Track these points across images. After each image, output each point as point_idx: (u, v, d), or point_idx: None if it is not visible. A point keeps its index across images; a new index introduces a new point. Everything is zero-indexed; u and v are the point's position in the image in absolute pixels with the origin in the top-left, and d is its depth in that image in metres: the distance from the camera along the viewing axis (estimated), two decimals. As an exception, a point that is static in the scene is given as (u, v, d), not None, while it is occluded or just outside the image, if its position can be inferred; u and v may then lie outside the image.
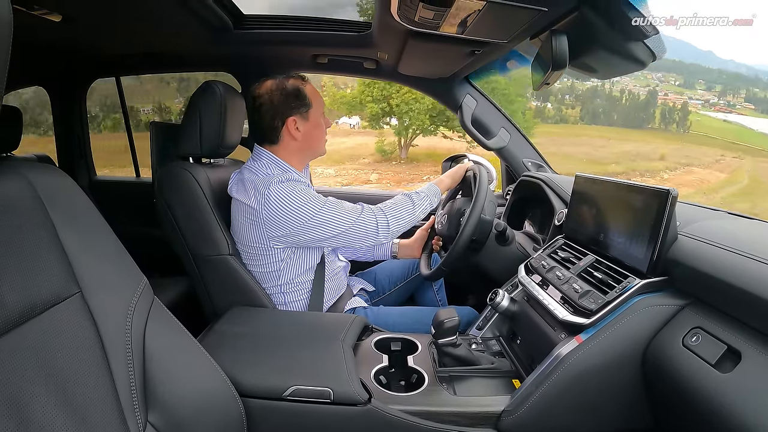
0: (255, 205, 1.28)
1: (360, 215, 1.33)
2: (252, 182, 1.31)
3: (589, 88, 43.40)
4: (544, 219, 1.66)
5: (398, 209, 1.39)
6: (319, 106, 1.41)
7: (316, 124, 1.41)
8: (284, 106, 1.36)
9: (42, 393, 0.57)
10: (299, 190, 1.29)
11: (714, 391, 0.71)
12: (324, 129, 1.45)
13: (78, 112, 2.58)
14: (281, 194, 1.27)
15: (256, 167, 1.37)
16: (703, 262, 0.83)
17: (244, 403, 0.86)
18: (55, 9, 1.48)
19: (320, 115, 1.42)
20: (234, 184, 1.37)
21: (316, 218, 1.28)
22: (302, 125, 1.38)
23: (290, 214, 1.27)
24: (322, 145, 1.47)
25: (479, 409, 0.95)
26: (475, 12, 1.06)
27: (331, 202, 1.32)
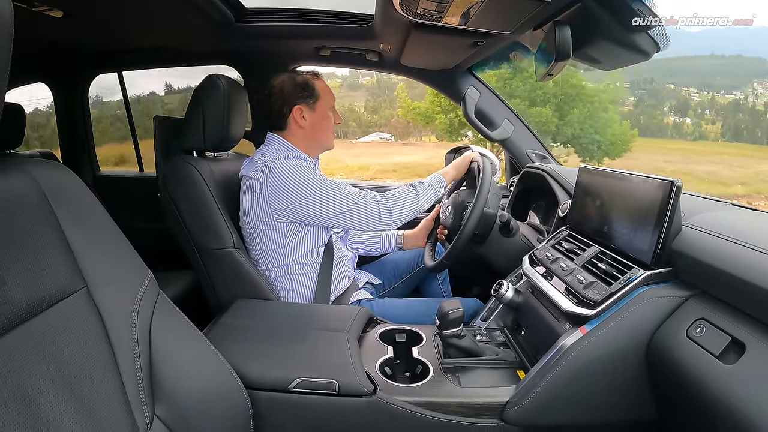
0: (260, 178, 1.33)
1: (362, 199, 1.37)
2: (261, 160, 1.37)
3: (731, 101, 38.78)
4: (548, 210, 1.66)
5: (402, 198, 1.42)
6: (327, 100, 1.47)
7: (322, 116, 1.47)
8: (292, 95, 1.44)
9: (50, 387, 0.57)
10: (304, 167, 1.34)
11: (718, 383, 0.71)
12: (331, 122, 1.50)
13: (80, 107, 2.58)
14: (285, 168, 1.32)
15: (266, 150, 1.44)
16: (707, 253, 0.83)
17: (249, 395, 0.87)
18: (56, 5, 1.48)
19: (328, 109, 1.48)
20: (244, 166, 1.43)
21: (318, 195, 1.32)
22: (308, 114, 1.45)
23: (293, 188, 1.31)
24: (329, 137, 1.52)
25: (484, 400, 0.95)
26: (478, 3, 1.06)
27: (335, 183, 1.36)
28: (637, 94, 31.02)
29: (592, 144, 14.44)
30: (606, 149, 14.58)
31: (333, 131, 1.54)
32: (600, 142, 14.51)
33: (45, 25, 1.65)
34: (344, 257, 1.58)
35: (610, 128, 14.80)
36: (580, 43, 1.10)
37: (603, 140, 14.52)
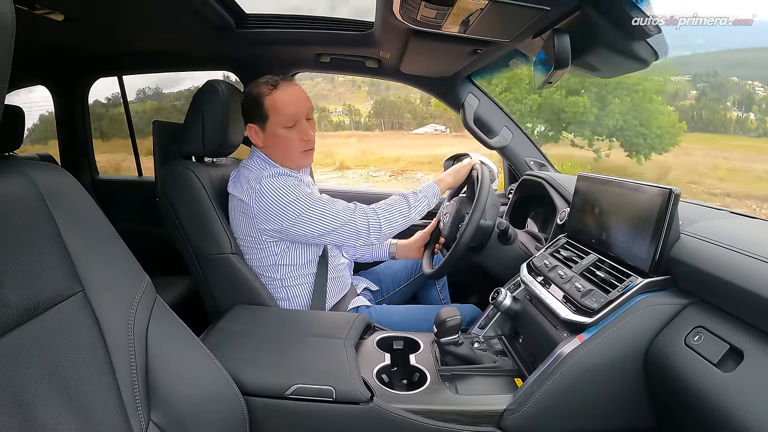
0: (246, 199, 1.30)
1: (352, 215, 1.34)
2: (245, 177, 1.34)
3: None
4: (547, 218, 1.66)
5: (392, 211, 1.39)
6: (279, 118, 1.35)
7: (273, 135, 1.37)
8: (245, 112, 1.41)
9: (45, 391, 0.57)
10: (290, 185, 1.31)
11: (716, 391, 0.71)
12: (288, 141, 1.38)
13: (80, 111, 2.59)
14: (272, 189, 1.29)
15: (250, 164, 1.40)
16: (705, 261, 0.83)
17: (246, 401, 0.86)
18: (57, 8, 1.48)
19: (281, 128, 1.36)
20: (231, 181, 1.40)
21: (306, 215, 1.29)
22: (260, 134, 1.40)
23: (280, 209, 1.29)
24: (292, 156, 1.41)
25: (481, 408, 0.95)
26: (478, 11, 1.06)
27: (323, 200, 1.33)
28: (699, 87, 29.64)
29: (637, 137, 13.81)
30: (652, 142, 13.92)
31: (298, 150, 1.39)
32: (645, 134, 13.83)
33: (46, 28, 1.65)
34: (340, 264, 1.57)
35: (656, 120, 14.09)
36: (579, 50, 1.10)
37: (649, 133, 13.83)
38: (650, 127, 13.93)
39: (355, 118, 17.53)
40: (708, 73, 31.35)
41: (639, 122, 13.94)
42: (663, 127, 14.08)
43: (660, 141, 13.96)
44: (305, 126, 1.39)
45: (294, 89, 1.38)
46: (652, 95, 14.26)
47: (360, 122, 34.63)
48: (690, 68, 31.31)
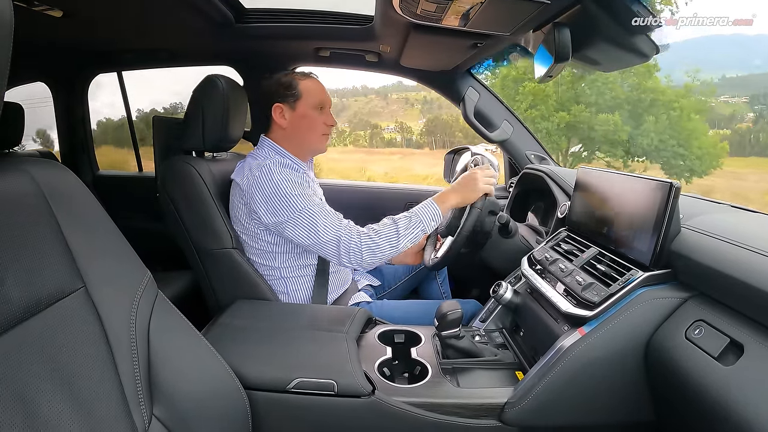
0: (244, 186, 1.31)
1: (339, 234, 1.28)
2: (249, 165, 1.35)
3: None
4: (547, 211, 1.66)
5: (378, 240, 1.28)
6: (311, 99, 1.42)
7: (302, 115, 1.42)
8: (274, 94, 1.43)
9: (48, 387, 0.57)
10: (290, 179, 1.30)
11: (716, 384, 0.71)
12: (315, 122, 1.44)
13: (80, 107, 2.59)
14: (271, 178, 1.28)
15: (257, 153, 1.42)
16: (705, 255, 0.83)
17: (248, 395, 0.87)
18: (56, 4, 1.48)
19: (311, 108, 1.43)
20: (236, 169, 1.41)
21: (295, 217, 1.28)
22: (288, 113, 1.43)
23: (273, 202, 1.28)
24: (312, 138, 1.46)
25: (482, 401, 0.95)
26: (478, 4, 1.06)
27: (316, 208, 1.29)
28: (757, 109, 27.53)
29: (675, 158, 12.86)
30: (691, 164, 12.86)
31: (320, 132, 1.46)
32: (684, 155, 12.85)
33: (45, 25, 1.65)
34: None
35: (697, 140, 13.02)
36: (579, 44, 1.10)
37: (688, 154, 12.83)
38: (690, 147, 13.01)
39: (407, 135, 17.39)
40: (766, 94, 29.44)
41: (677, 142, 13.03)
42: (704, 147, 13.06)
43: (700, 163, 12.95)
44: (330, 112, 1.48)
45: (320, 83, 1.48)
46: (691, 114, 13.21)
47: (411, 140, 33.75)
48: (747, 89, 29.52)
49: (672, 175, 12.71)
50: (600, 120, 13.39)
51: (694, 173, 12.91)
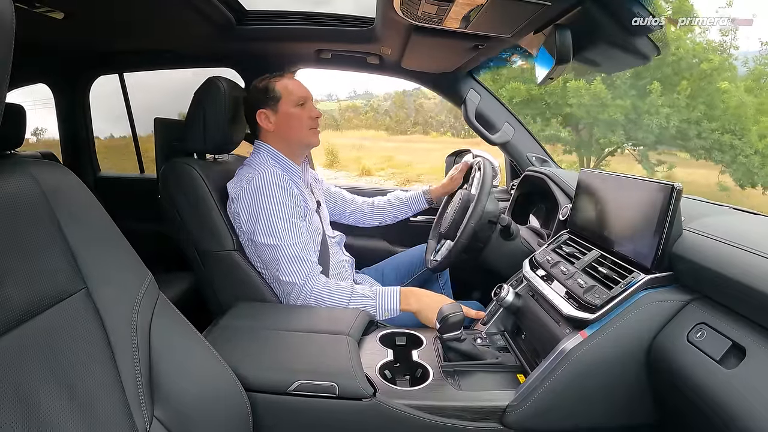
0: (233, 193, 1.35)
1: (294, 284, 1.31)
2: (243, 174, 1.37)
3: None
4: (549, 214, 1.66)
5: (329, 302, 1.31)
6: (290, 97, 1.44)
7: (286, 115, 1.44)
8: (254, 103, 1.46)
9: (48, 388, 0.57)
10: (274, 203, 1.31)
11: (718, 387, 0.71)
12: (300, 118, 1.46)
13: (81, 109, 2.59)
14: (256, 194, 1.31)
15: (253, 160, 1.45)
16: (707, 257, 0.82)
17: (249, 397, 0.87)
18: (57, 6, 1.48)
19: (292, 106, 1.44)
20: (234, 177, 1.42)
21: (262, 246, 1.32)
22: (272, 116, 1.45)
23: (250, 219, 1.32)
24: (301, 134, 1.47)
25: (484, 404, 0.95)
26: (478, 6, 1.06)
27: (285, 251, 1.30)
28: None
29: (724, 150, 9.99)
30: (749, 162, 9.81)
31: (307, 127, 1.48)
32: (737, 147, 9.85)
33: (46, 27, 1.65)
34: (342, 262, 1.58)
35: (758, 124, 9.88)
36: (580, 46, 1.10)
37: (742, 146, 9.82)
38: (748, 134, 9.73)
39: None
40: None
41: (722, 126, 9.77)
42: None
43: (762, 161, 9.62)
44: (312, 105, 1.49)
45: (296, 80, 1.50)
46: (762, 117, 9.90)
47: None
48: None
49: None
50: (572, 89, 10.77)
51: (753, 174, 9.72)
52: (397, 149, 19.20)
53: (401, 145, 20.36)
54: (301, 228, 1.35)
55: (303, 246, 1.33)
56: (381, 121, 26.15)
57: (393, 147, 20.01)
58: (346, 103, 28.30)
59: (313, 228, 1.44)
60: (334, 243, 1.59)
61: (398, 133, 24.02)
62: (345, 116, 28.68)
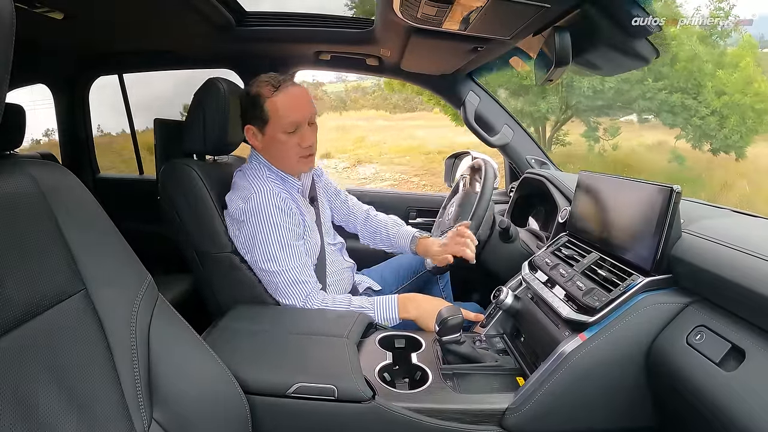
0: (232, 212, 1.31)
1: (293, 302, 1.30)
2: (240, 187, 1.34)
3: None
4: (548, 216, 1.66)
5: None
6: (280, 122, 1.31)
7: (272, 140, 1.34)
8: (244, 113, 1.37)
9: (47, 390, 0.57)
10: (272, 225, 1.27)
11: (718, 390, 0.71)
12: (287, 148, 1.34)
13: (81, 109, 2.59)
14: (253, 215, 1.27)
15: (248, 171, 1.38)
16: (707, 260, 0.83)
17: (248, 400, 0.86)
18: (57, 7, 1.48)
19: (281, 131, 1.32)
20: (232, 187, 1.38)
21: (261, 266, 1.29)
22: (258, 137, 1.36)
23: (248, 240, 1.29)
24: (290, 163, 1.38)
25: (483, 407, 0.95)
26: (478, 8, 1.06)
27: (284, 276, 1.29)
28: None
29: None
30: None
31: (296, 155, 1.35)
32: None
33: (46, 27, 1.65)
34: (343, 268, 1.57)
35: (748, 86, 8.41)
36: (580, 48, 1.10)
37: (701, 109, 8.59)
38: (703, 91, 8.63)
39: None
40: None
41: (671, 84, 8.59)
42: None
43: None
44: (306, 132, 1.34)
45: (297, 92, 1.32)
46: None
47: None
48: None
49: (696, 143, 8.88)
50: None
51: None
52: (383, 129, 18.62)
53: (395, 124, 19.95)
54: (300, 249, 1.32)
55: (302, 268, 1.30)
56: (389, 100, 25.82)
57: (383, 126, 19.37)
58: (354, 84, 27.96)
59: (311, 244, 1.41)
60: (335, 251, 1.57)
61: (405, 111, 23.75)
62: (351, 97, 28.32)
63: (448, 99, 2.09)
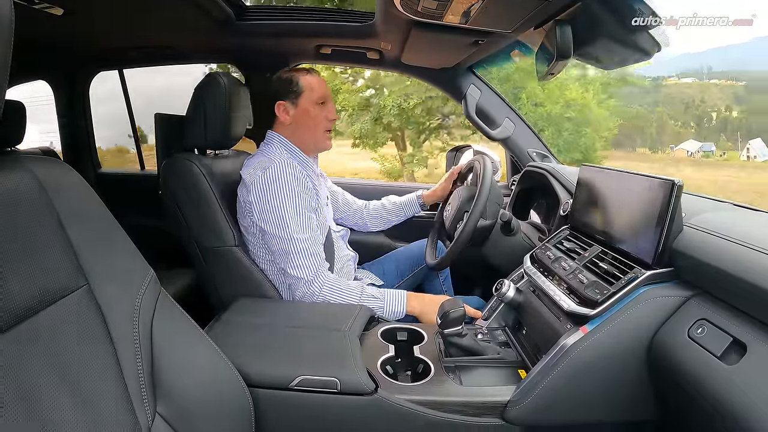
0: (247, 179, 1.34)
1: (303, 279, 1.31)
2: (256, 161, 1.38)
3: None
4: (550, 209, 1.65)
5: (338, 300, 1.33)
6: (312, 95, 1.44)
7: (304, 111, 1.45)
8: (276, 92, 1.46)
9: (50, 385, 0.57)
10: (290, 193, 1.31)
11: (719, 383, 0.71)
12: (317, 118, 1.46)
13: (81, 105, 2.59)
14: (272, 182, 1.31)
15: (265, 149, 1.45)
16: (708, 253, 0.83)
17: (251, 393, 0.87)
18: (56, 2, 1.48)
19: (312, 104, 1.45)
20: (245, 164, 1.43)
21: (273, 237, 1.31)
22: (291, 110, 1.45)
23: (266, 207, 1.31)
24: (315, 135, 1.48)
25: (485, 399, 0.95)
26: (479, 2, 1.06)
27: (298, 246, 1.30)
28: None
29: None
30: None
31: (323, 128, 1.48)
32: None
33: (45, 23, 1.65)
34: (345, 257, 1.58)
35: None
36: (581, 42, 1.10)
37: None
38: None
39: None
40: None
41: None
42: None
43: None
44: (332, 106, 1.50)
45: (321, 77, 1.49)
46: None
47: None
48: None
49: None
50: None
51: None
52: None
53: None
54: (312, 221, 1.36)
55: (314, 240, 1.34)
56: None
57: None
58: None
59: (321, 220, 1.44)
60: (338, 237, 1.59)
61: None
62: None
63: (449, 92, 2.08)
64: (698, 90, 15.43)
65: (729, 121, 14.60)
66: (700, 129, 14.66)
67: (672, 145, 14.36)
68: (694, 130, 14.55)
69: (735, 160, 13.81)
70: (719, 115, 15.02)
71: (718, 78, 15.94)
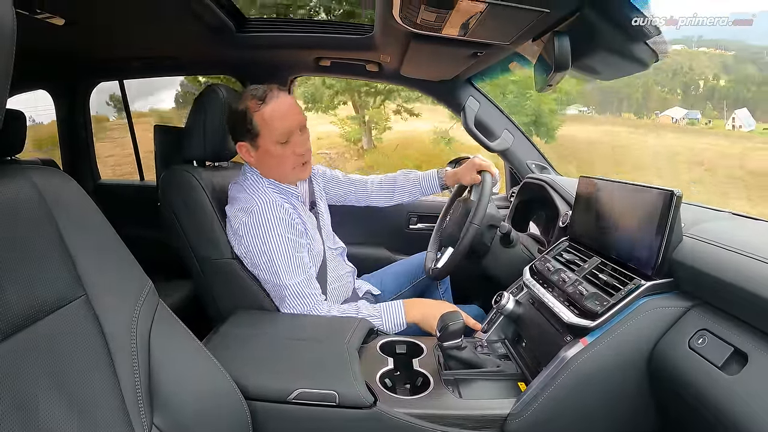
0: (233, 223, 1.30)
1: (300, 311, 1.30)
2: (237, 200, 1.32)
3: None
4: (549, 221, 1.65)
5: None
6: (271, 133, 1.28)
7: (265, 153, 1.31)
8: (233, 130, 1.34)
9: (47, 395, 0.57)
10: (275, 234, 1.27)
11: (720, 394, 0.71)
12: (283, 158, 1.32)
13: (81, 115, 2.60)
14: (255, 228, 1.27)
15: (244, 183, 1.36)
16: (708, 263, 0.82)
17: (249, 405, 0.86)
18: (58, 13, 1.49)
19: (273, 144, 1.29)
20: (228, 198, 1.37)
21: (267, 278, 1.30)
22: (252, 151, 1.33)
23: (252, 255, 1.29)
24: (286, 173, 1.36)
25: (485, 412, 0.94)
26: (477, 14, 1.06)
27: (291, 288, 1.28)
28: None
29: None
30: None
31: (291, 165, 1.33)
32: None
33: (46, 33, 1.65)
34: (344, 273, 1.56)
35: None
36: (579, 53, 1.10)
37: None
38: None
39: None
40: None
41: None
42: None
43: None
44: (299, 139, 1.33)
45: (284, 101, 1.30)
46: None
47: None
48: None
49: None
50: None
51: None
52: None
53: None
54: (305, 261, 1.32)
55: (307, 282, 1.30)
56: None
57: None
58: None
59: (314, 252, 1.40)
60: (336, 255, 1.57)
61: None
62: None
63: (448, 104, 2.09)
64: (687, 57, 15.87)
65: (716, 90, 15.14)
66: (686, 96, 15.31)
67: (657, 111, 15.31)
68: (681, 97, 15.24)
69: (720, 128, 14.31)
70: (707, 84, 15.53)
71: (707, 46, 16.33)
